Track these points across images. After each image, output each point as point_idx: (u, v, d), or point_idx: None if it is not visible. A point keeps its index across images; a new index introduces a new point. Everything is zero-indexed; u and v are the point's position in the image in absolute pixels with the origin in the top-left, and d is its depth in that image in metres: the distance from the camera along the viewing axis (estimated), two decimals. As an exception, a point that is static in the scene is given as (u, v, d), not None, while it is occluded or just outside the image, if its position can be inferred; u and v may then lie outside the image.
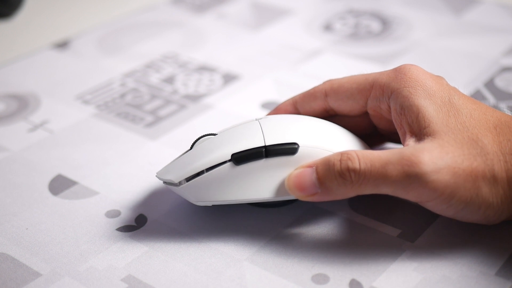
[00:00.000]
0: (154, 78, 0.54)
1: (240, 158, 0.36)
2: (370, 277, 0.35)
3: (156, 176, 0.39)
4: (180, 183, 0.37)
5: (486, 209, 0.35)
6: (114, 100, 0.52)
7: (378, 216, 0.39)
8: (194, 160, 0.37)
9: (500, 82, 0.51)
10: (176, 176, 0.37)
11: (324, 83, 0.41)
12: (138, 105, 0.51)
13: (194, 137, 0.47)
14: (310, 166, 0.36)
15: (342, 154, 0.35)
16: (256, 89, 0.52)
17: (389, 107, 0.38)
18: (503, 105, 0.48)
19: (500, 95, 0.50)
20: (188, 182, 0.37)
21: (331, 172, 0.35)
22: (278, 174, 0.37)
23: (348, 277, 0.35)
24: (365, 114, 0.40)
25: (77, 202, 0.41)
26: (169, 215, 0.40)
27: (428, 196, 0.34)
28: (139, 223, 0.39)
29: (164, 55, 0.58)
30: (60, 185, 0.43)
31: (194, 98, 0.51)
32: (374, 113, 0.39)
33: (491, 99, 0.49)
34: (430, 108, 0.36)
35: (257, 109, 0.50)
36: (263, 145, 0.36)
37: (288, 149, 0.36)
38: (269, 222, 0.39)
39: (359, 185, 0.35)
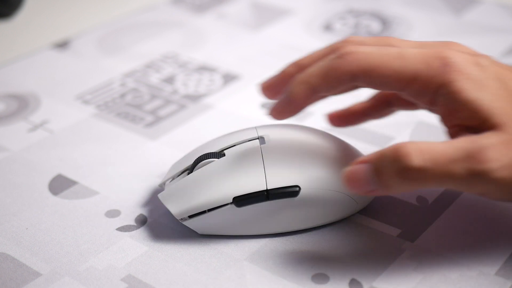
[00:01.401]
0: (154, 78, 0.54)
1: (242, 202, 0.36)
2: (370, 277, 0.35)
3: (158, 196, 0.39)
4: (182, 219, 0.38)
5: None
6: (114, 100, 0.52)
7: (378, 216, 0.39)
8: (195, 195, 0.37)
9: (500, 82, 0.51)
10: (178, 212, 0.37)
11: (344, 58, 0.35)
12: (138, 105, 0.51)
13: (194, 137, 0.47)
14: (364, 162, 0.33)
15: (400, 148, 0.32)
16: (256, 89, 0.52)
17: (431, 101, 0.35)
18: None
19: (500, 95, 0.50)
20: (190, 219, 0.37)
21: (389, 169, 0.32)
22: (280, 213, 0.37)
23: (348, 277, 0.35)
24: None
25: (77, 202, 0.41)
26: (169, 215, 0.40)
27: (493, 191, 0.33)
28: (139, 223, 0.39)
29: (164, 55, 0.58)
30: (60, 185, 0.43)
31: (194, 98, 0.51)
32: (400, 99, 0.37)
33: (491, 99, 0.49)
34: (486, 101, 0.33)
35: (257, 109, 0.50)
36: (265, 188, 0.36)
37: (290, 192, 0.36)
38: (269, 222, 0.39)
39: (422, 182, 0.32)
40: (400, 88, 0.35)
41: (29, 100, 0.52)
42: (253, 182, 0.36)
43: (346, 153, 0.38)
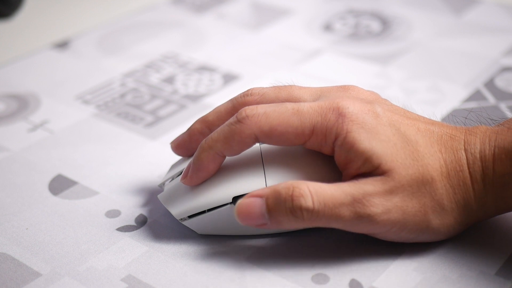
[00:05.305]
0: (154, 78, 0.54)
1: None
2: (370, 277, 0.35)
3: (158, 197, 0.39)
4: (182, 219, 0.38)
5: (436, 236, 0.36)
6: (114, 100, 0.52)
7: (378, 216, 0.39)
8: (195, 196, 0.37)
9: (500, 82, 0.51)
10: (178, 212, 0.37)
11: (244, 123, 0.36)
12: (138, 105, 0.51)
13: (194, 137, 0.47)
14: (259, 196, 0.35)
15: (294, 188, 0.34)
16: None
17: (332, 149, 0.36)
18: (503, 105, 0.48)
19: (500, 95, 0.50)
20: (190, 219, 0.38)
21: (282, 207, 0.34)
22: None
23: (348, 277, 0.35)
24: None
25: (77, 202, 0.41)
26: (169, 215, 0.40)
27: (378, 230, 0.35)
28: (139, 223, 0.39)
29: (164, 55, 0.58)
30: (60, 185, 0.43)
31: (194, 98, 0.52)
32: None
33: (491, 99, 0.49)
34: (377, 149, 0.35)
35: (257, 109, 0.50)
36: (264, 187, 0.36)
37: None
38: (269, 222, 0.39)
39: (311, 222, 0.34)
40: (301, 142, 0.36)
41: (29, 100, 0.52)
42: (253, 182, 0.36)
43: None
